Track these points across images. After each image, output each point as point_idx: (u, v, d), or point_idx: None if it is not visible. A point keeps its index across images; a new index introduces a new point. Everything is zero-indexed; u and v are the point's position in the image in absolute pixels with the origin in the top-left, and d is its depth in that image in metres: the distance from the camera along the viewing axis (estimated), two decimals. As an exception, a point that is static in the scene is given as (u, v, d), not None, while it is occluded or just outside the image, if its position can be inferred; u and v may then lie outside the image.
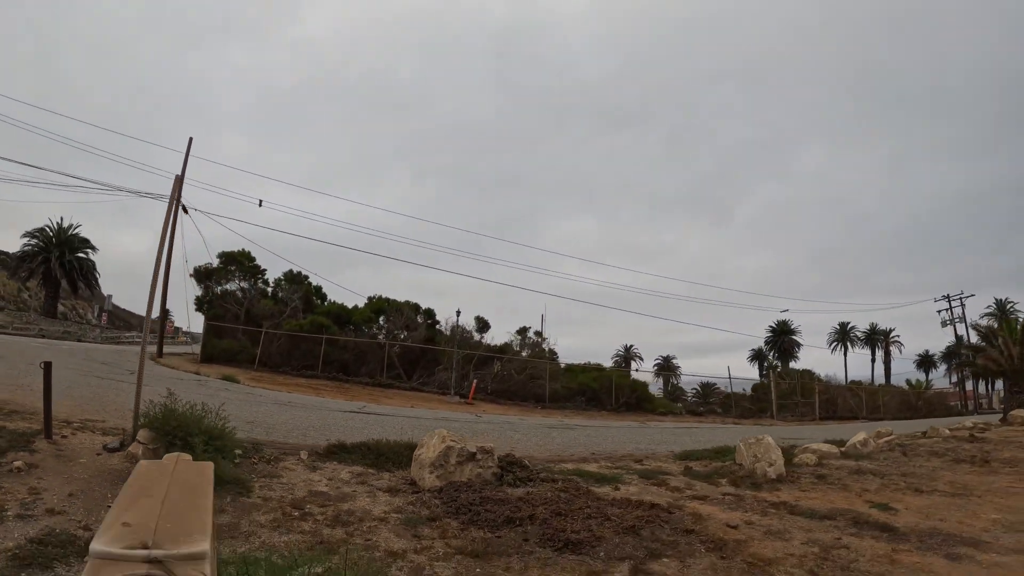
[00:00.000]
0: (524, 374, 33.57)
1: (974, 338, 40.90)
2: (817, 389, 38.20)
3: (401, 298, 37.99)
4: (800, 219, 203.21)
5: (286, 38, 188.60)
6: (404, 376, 31.53)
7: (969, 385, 53.59)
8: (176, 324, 64.20)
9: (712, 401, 43.55)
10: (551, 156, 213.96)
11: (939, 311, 54.56)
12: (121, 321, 69.07)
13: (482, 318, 38.63)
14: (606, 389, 34.40)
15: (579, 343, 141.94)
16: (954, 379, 62.66)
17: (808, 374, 46.18)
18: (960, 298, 53.15)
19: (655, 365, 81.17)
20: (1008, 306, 71.21)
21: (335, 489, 6.60)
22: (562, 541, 5.15)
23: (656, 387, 48.70)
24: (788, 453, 11.34)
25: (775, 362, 79.85)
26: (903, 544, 5.86)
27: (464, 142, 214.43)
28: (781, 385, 41.06)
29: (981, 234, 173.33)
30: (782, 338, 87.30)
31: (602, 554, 4.94)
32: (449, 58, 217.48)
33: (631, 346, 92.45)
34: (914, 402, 45.64)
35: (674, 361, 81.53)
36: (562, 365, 38.84)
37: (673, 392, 47.16)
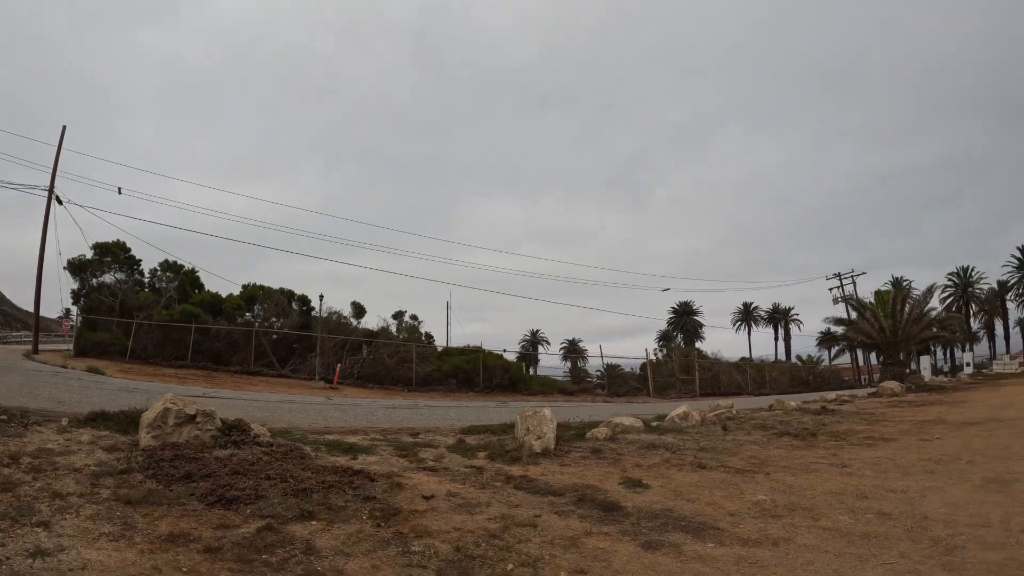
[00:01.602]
0: (395, 358, 34.81)
1: (854, 314, 42.22)
2: (697, 366, 38.22)
3: (319, 288, 38.22)
4: (717, 201, 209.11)
5: (199, 16, 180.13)
6: (276, 364, 32.75)
7: (862, 360, 55.25)
8: (73, 323, 61.68)
9: (599, 380, 43.38)
10: (473, 140, 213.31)
11: (830, 289, 56.38)
12: (19, 322, 67.02)
13: (358, 303, 40.16)
14: (479, 371, 35.86)
15: (492, 329, 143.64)
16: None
17: (692, 351, 46.84)
18: (851, 276, 55.37)
19: (561, 348, 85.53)
20: (904, 283, 74.30)
21: (63, 447, 6.68)
22: (220, 497, 5.34)
23: (564, 370, 51.71)
24: (584, 427, 11.53)
25: (680, 343, 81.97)
26: (609, 526, 5.51)
27: (383, 125, 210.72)
28: (667, 363, 41.06)
29: (892, 216, 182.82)
30: (684, 319, 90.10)
31: (249, 511, 5.06)
32: (366, 37, 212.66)
33: (537, 331, 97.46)
34: (805, 377, 47.50)
35: (580, 344, 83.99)
36: (438, 348, 40.74)
37: (578, 374, 48.37)
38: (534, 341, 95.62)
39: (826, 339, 76.48)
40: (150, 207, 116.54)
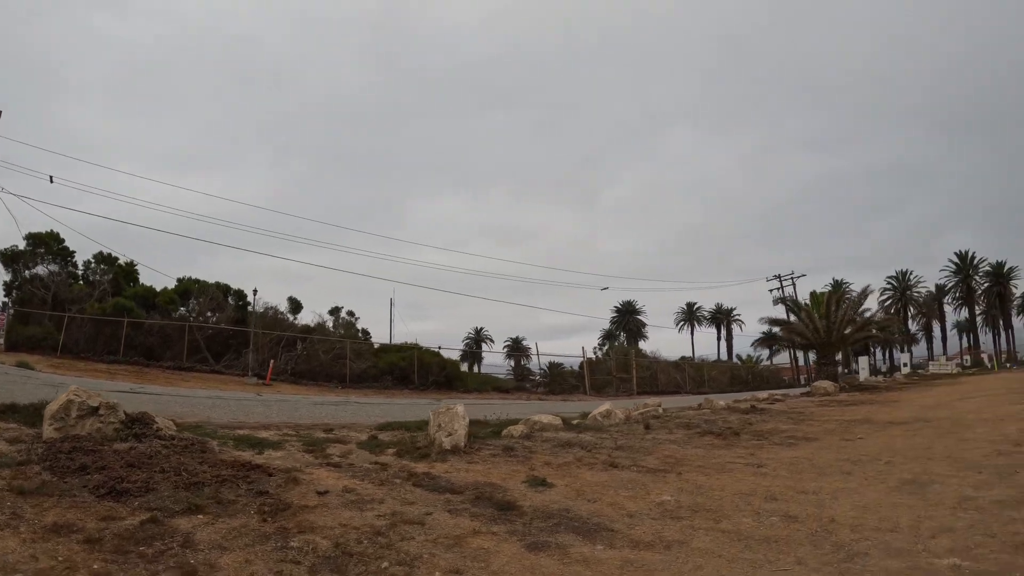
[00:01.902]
0: (330, 355, 34.59)
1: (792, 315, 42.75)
2: (635, 365, 38.26)
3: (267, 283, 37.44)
4: (665, 203, 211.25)
5: (151, 1, 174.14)
6: (211, 360, 32.50)
7: (802, 360, 56.07)
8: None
9: (542, 379, 43.37)
10: (424, 136, 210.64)
11: (771, 290, 57.08)
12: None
13: (295, 299, 40.12)
14: (415, 368, 35.81)
15: (439, 327, 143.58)
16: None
17: (629, 350, 47.04)
18: (792, 278, 56.12)
19: (505, 347, 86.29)
20: (844, 286, 76.40)
21: (-40, 439, 6.54)
22: (111, 489, 5.32)
23: (507, 368, 51.90)
24: (503, 424, 11.44)
25: (623, 342, 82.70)
26: (499, 526, 5.36)
27: (334, 119, 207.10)
28: (606, 362, 41.12)
29: (836, 220, 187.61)
30: (627, 318, 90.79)
31: (137, 504, 5.01)
32: (320, 29, 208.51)
33: (481, 328, 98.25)
34: (744, 376, 48.07)
35: (524, 343, 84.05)
36: (375, 345, 40.56)
37: (521, 373, 48.33)
38: (478, 339, 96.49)
39: (763, 339, 77.56)
40: (92, 198, 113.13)
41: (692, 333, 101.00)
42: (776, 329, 41.38)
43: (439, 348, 40.80)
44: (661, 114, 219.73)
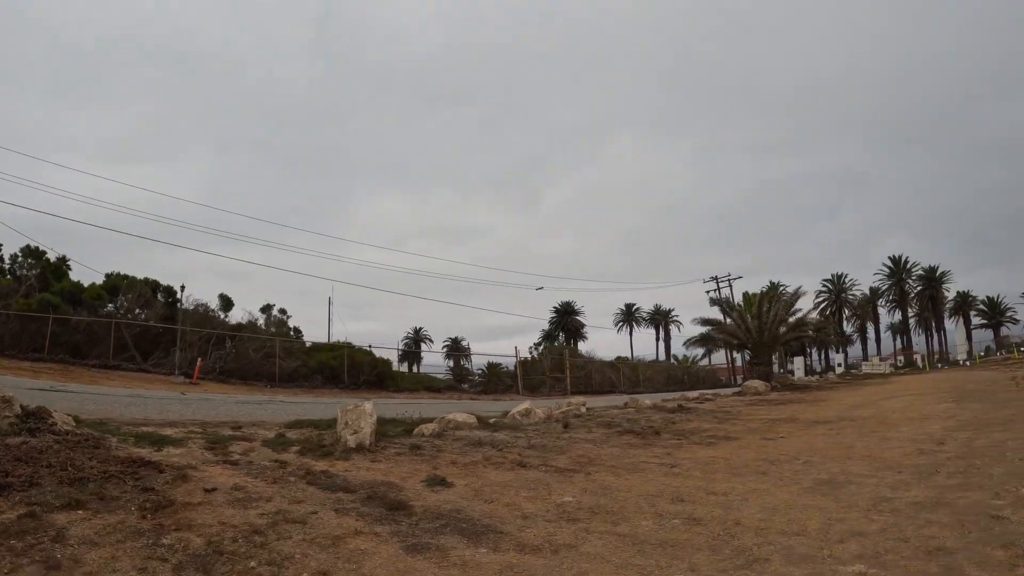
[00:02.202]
0: (260, 353, 34.00)
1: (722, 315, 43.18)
2: (569, 364, 38.17)
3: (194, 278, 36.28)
4: (607, 205, 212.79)
5: None
6: (139, 358, 31.78)
7: (740, 360, 56.72)
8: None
9: (480, 378, 43.32)
10: (368, 133, 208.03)
11: (707, 292, 57.55)
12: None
13: (225, 295, 39.29)
14: (347, 367, 35.48)
15: (380, 327, 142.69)
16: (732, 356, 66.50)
17: (563, 350, 47.03)
18: (728, 279, 56.69)
19: (444, 347, 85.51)
20: (780, 288, 77.49)
21: None
22: None
23: (445, 368, 51.70)
24: (417, 423, 11.28)
25: (561, 342, 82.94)
26: (384, 526, 5.19)
27: (276, 114, 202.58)
28: (540, 362, 41.03)
29: (776, 224, 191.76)
30: (566, 318, 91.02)
31: (18, 498, 4.89)
32: (264, 21, 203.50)
33: (420, 328, 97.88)
34: (680, 376, 48.44)
35: (463, 343, 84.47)
36: (307, 343, 40.11)
37: (460, 373, 48.75)
38: (417, 339, 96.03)
39: (696, 340, 78.27)
40: (22, 190, 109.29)
41: (631, 334, 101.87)
42: (709, 329, 41.65)
43: (370, 347, 40.27)
44: (605, 117, 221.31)
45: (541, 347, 57.40)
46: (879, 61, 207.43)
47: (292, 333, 43.91)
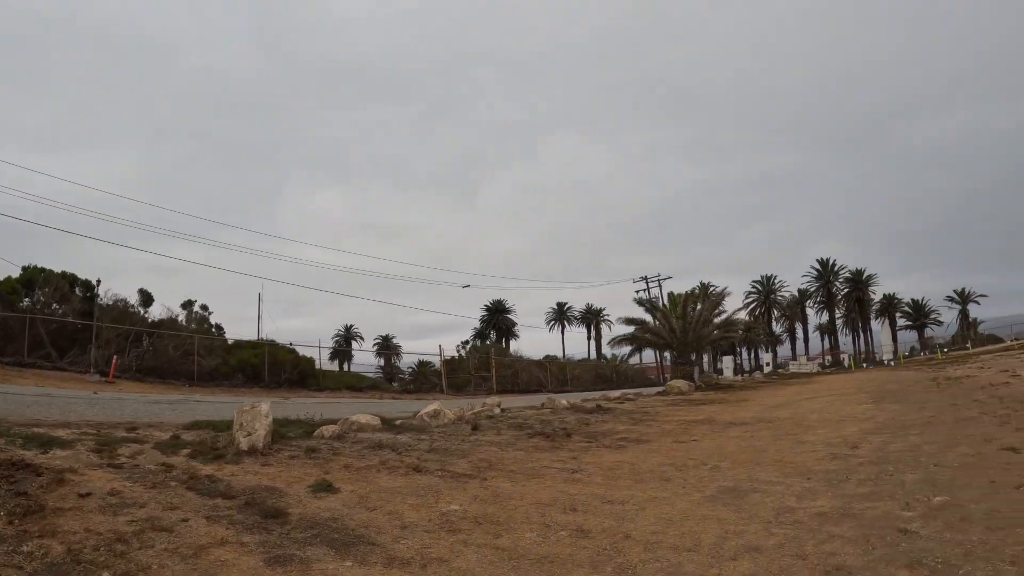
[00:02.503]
0: (179, 351, 33.20)
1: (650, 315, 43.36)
2: (494, 363, 37.90)
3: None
4: (545, 203, 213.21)
5: None
6: (55, 355, 30.27)
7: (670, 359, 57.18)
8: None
9: (411, 377, 42.95)
10: (307, 126, 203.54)
11: (636, 291, 57.72)
12: None
13: (145, 291, 37.76)
14: (268, 365, 34.86)
15: (313, 324, 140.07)
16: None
17: (488, 349, 46.88)
18: (658, 279, 56.93)
19: (375, 345, 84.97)
20: (710, 288, 78.46)
21: None
22: None
23: (376, 366, 51.73)
24: (319, 424, 11.07)
25: (493, 341, 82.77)
26: (254, 536, 5.01)
27: (212, 103, 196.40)
28: (467, 361, 40.84)
29: (712, 226, 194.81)
30: (497, 317, 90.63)
31: None
32: (200, 5, 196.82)
33: (351, 326, 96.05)
34: (609, 375, 48.37)
35: (395, 341, 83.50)
36: (228, 341, 39.24)
37: (391, 372, 48.74)
38: (348, 337, 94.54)
39: (619, 339, 78.44)
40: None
41: (563, 333, 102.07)
42: (634, 329, 41.77)
43: (291, 344, 39.44)
44: (543, 116, 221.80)
45: (468, 346, 57.13)
46: (815, 68, 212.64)
47: (214, 330, 42.78)
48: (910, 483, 6.58)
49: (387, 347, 78.11)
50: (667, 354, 60.64)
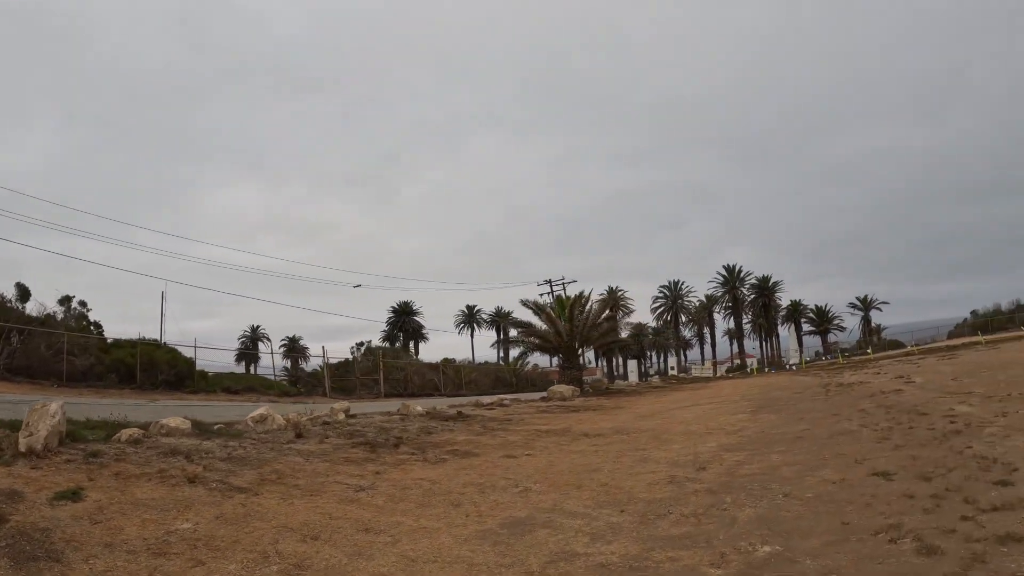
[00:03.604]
0: (52, 349, 30.52)
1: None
2: (382, 366, 36.29)
3: None
4: (465, 204, 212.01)
5: None
6: None
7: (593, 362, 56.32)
8: None
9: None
10: (224, 117, 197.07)
11: (540, 294, 56.68)
12: None
13: (23, 285, 35.52)
14: (144, 365, 32.06)
15: (223, 324, 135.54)
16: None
17: (377, 351, 45.30)
18: (562, 282, 55.80)
19: (281, 347, 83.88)
20: (619, 293, 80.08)
21: None
22: None
23: (281, 368, 49.71)
24: (120, 425, 10.42)
25: (399, 344, 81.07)
26: None
27: (128, 89, 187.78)
28: (359, 363, 39.10)
29: (628, 231, 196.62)
30: (404, 319, 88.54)
31: None
32: None
33: (258, 327, 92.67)
34: (508, 378, 46.81)
35: (302, 342, 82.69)
36: (109, 340, 36.16)
37: (296, 374, 46.02)
38: (254, 337, 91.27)
39: (507, 341, 76.56)
40: None
41: (472, 335, 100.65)
42: (519, 332, 40.57)
43: (163, 343, 37.34)
44: (468, 117, 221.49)
45: (363, 348, 55.37)
46: (736, 84, 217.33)
47: (92, 328, 40.28)
48: (742, 522, 5.80)
49: (294, 349, 76.89)
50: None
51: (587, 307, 35.64)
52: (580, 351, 35.93)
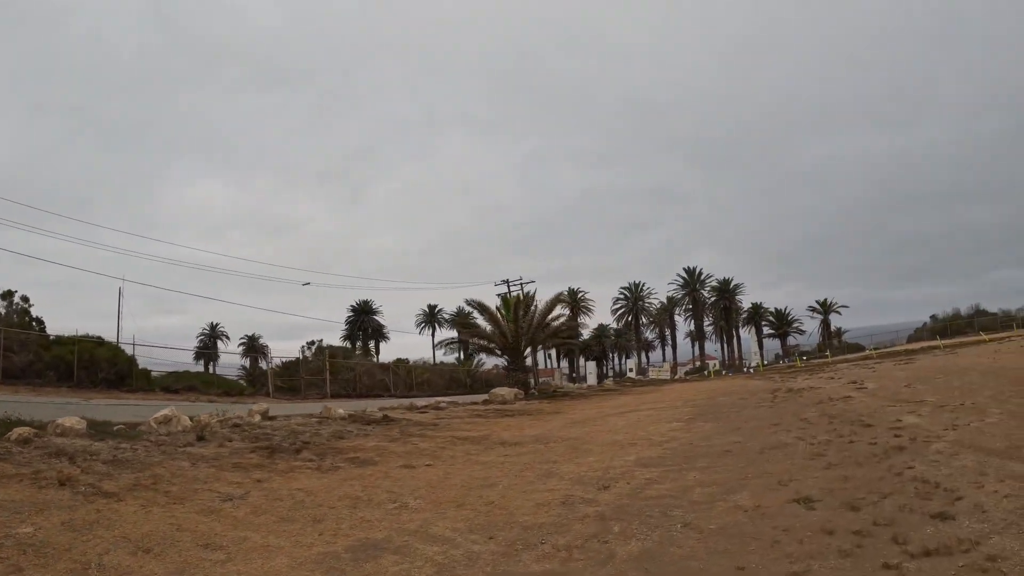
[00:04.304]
0: None
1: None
2: (328, 366, 35.26)
3: None
4: (435, 203, 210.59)
5: None
6: None
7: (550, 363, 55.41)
8: None
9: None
10: (195, 109, 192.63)
11: (498, 295, 55.75)
12: None
13: None
14: (84, 363, 31.37)
15: (191, 322, 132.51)
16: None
17: (324, 351, 44.19)
18: (520, 283, 54.90)
19: (240, 345, 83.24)
20: (580, 294, 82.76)
21: None
22: None
23: (239, 367, 51.39)
24: (10, 424, 10.13)
25: (359, 344, 79.95)
26: None
27: (98, 76, 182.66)
28: (308, 363, 38.03)
29: (596, 232, 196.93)
30: (364, 318, 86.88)
31: None
32: None
33: (217, 324, 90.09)
34: (463, 379, 45.76)
35: (260, 341, 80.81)
36: (51, 336, 35.12)
37: (254, 373, 46.17)
38: (213, 336, 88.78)
39: (446, 343, 75.07)
40: None
41: (433, 335, 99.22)
42: (458, 332, 39.71)
43: (100, 339, 35.95)
44: (440, 115, 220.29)
45: (314, 347, 54.25)
46: (706, 88, 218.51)
47: (34, 324, 38.85)
48: (619, 560, 4.95)
49: (253, 348, 75.93)
50: (539, 355, 59.19)
51: (532, 307, 34.99)
52: (526, 352, 35.24)
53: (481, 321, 37.10)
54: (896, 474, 6.73)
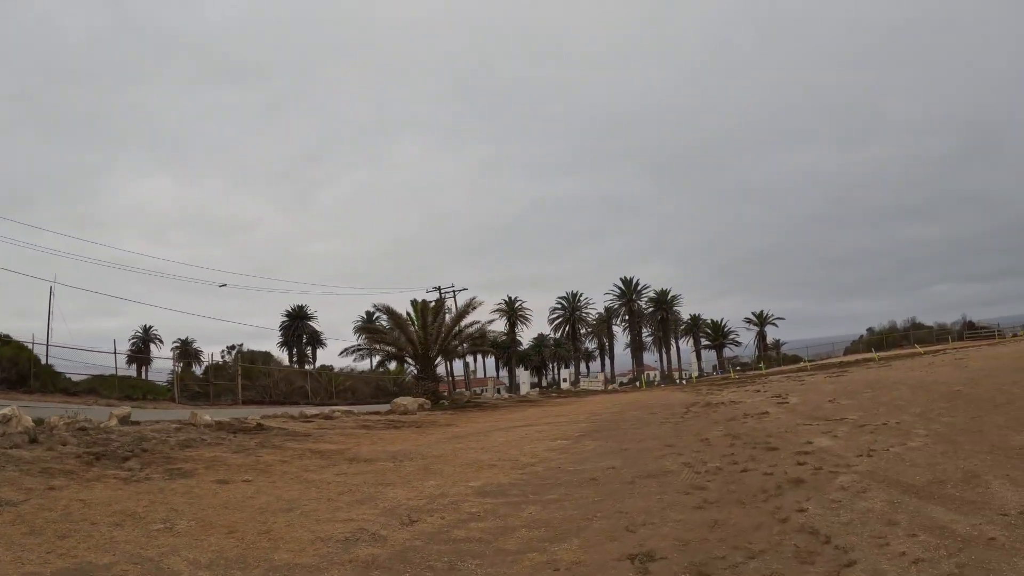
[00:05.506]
0: None
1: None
2: (240, 372, 34.13)
3: None
4: (385, 208, 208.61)
5: None
6: None
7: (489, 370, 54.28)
8: None
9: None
10: (145, 102, 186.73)
11: (430, 303, 54.87)
12: None
13: None
14: None
15: (128, 323, 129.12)
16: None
17: (236, 357, 43.06)
18: (452, 290, 54.27)
19: (173, 348, 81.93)
20: (517, 303, 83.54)
21: None
22: None
23: (170, 371, 46.77)
24: None
25: (296, 350, 78.51)
26: None
27: (46, 63, 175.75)
28: (232, 366, 39.14)
29: (547, 242, 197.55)
30: (299, 323, 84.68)
31: None
32: None
33: (151, 327, 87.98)
34: (391, 387, 44.58)
35: (195, 345, 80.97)
36: None
37: (186, 376, 44.06)
38: (146, 339, 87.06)
39: (351, 350, 73.36)
40: None
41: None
42: (363, 338, 38.69)
43: (8, 338, 34.61)
44: (394, 119, 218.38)
45: (235, 351, 52.84)
46: (664, 102, 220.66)
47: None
48: None
49: (186, 352, 75.46)
50: (484, 362, 58.18)
51: (440, 314, 34.35)
52: (437, 361, 34.60)
53: (391, 327, 36.19)
54: (781, 520, 5.67)
